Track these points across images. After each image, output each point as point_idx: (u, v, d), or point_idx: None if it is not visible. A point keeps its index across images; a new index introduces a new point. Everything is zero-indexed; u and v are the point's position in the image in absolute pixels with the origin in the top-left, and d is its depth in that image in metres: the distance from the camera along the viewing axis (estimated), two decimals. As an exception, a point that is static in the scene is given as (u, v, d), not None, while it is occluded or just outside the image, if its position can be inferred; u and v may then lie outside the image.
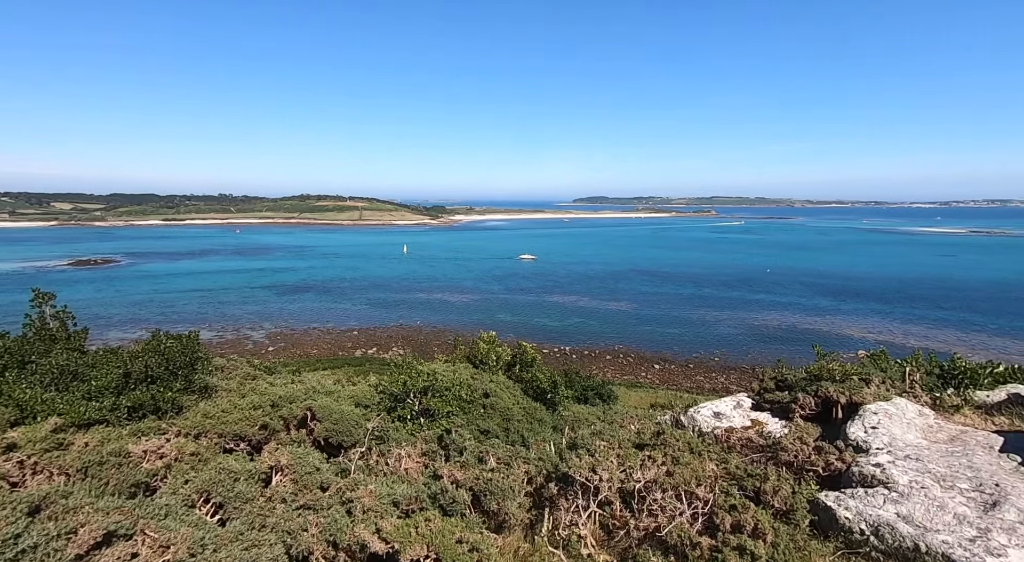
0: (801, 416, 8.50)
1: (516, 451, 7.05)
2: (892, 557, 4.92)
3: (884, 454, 6.44)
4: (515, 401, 10.63)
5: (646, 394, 42.34)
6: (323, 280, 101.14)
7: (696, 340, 62.09)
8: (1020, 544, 4.63)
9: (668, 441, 7.66)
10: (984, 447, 6.67)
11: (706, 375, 50.93)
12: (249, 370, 11.28)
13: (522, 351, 13.90)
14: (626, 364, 54.69)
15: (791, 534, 5.10)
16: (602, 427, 9.95)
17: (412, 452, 7.48)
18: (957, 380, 8.68)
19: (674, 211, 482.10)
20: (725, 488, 5.82)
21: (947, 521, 5.04)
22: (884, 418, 7.37)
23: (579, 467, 5.91)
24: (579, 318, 71.95)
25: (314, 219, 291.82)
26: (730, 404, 9.42)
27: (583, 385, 15.83)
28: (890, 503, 5.39)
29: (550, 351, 57.02)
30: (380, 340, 61.58)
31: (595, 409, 12.99)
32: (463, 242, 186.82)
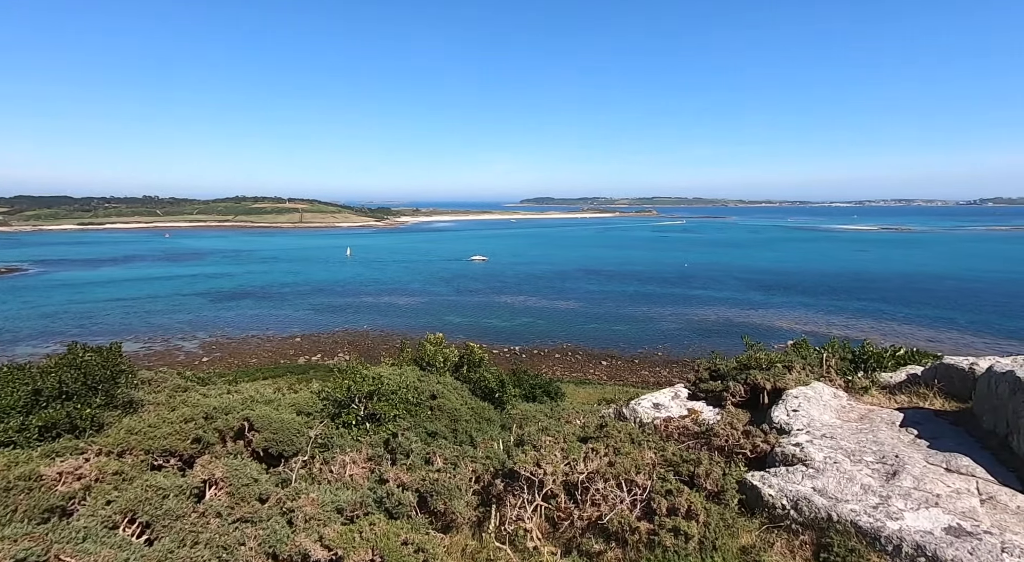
0: (732, 403, 9.03)
1: (463, 450, 7.10)
2: (809, 528, 5.35)
3: (803, 434, 6.97)
4: (463, 402, 10.66)
5: (594, 390, 43.39)
6: (262, 285, 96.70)
7: (641, 336, 64.24)
8: (913, 507, 5.17)
9: (610, 433, 7.94)
10: (887, 423, 7.37)
11: (651, 369, 52.80)
12: (180, 382, 10.67)
13: (469, 352, 13.92)
14: (575, 362, 55.78)
15: (721, 513, 5.45)
16: (549, 423, 10.17)
17: (357, 458, 7.36)
18: (866, 364, 9.52)
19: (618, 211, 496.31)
20: (662, 474, 6.12)
21: (855, 491, 5.54)
22: (804, 401, 7.97)
23: (524, 462, 6.04)
24: (528, 318, 72.67)
25: (251, 222, 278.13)
26: (668, 395, 9.87)
27: (531, 383, 16.06)
28: (807, 479, 5.85)
29: (500, 351, 57.28)
30: (325, 346, 59.67)
31: (543, 406, 13.22)
32: (410, 244, 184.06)
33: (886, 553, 4.84)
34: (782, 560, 5.20)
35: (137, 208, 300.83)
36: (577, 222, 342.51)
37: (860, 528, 5.02)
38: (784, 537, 5.44)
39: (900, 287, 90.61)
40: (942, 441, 6.70)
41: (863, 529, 5.00)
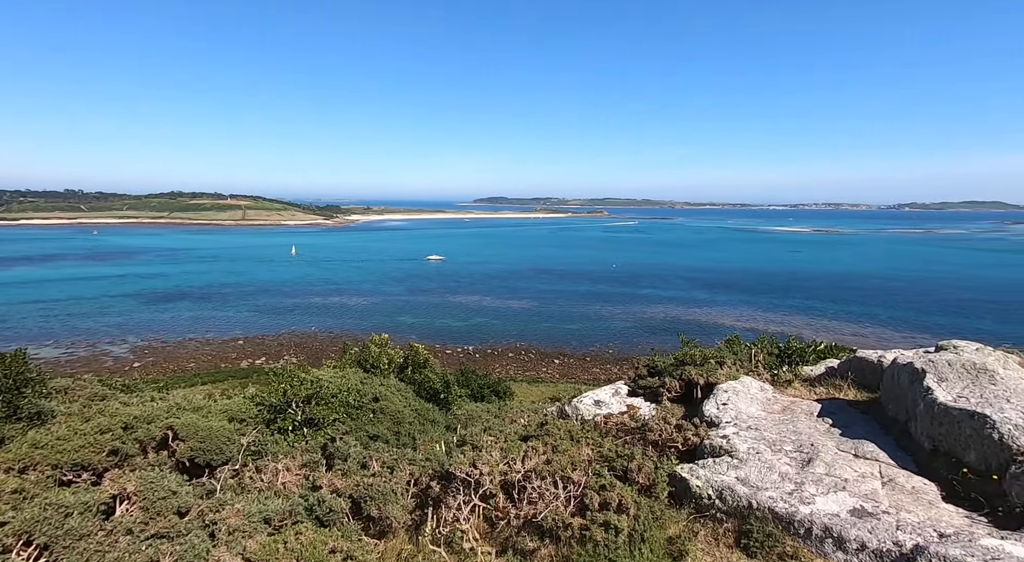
0: (669, 398, 9.36)
1: (402, 453, 7.00)
2: (732, 516, 5.62)
3: (731, 426, 7.32)
4: (406, 403, 10.51)
5: (547, 388, 43.89)
6: (201, 286, 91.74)
7: (592, 334, 65.48)
8: (824, 492, 5.53)
9: (551, 431, 8.05)
10: (806, 414, 7.86)
11: (601, 367, 53.91)
12: (99, 390, 9.94)
13: (414, 353, 13.74)
14: (528, 360, 56.18)
15: (651, 506, 5.63)
16: (493, 423, 10.19)
17: (292, 464, 7.11)
18: (791, 358, 10.12)
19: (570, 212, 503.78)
20: (597, 470, 6.27)
21: (774, 479, 5.87)
22: (733, 395, 8.36)
23: (461, 463, 6.03)
24: (482, 317, 72.58)
25: (189, 219, 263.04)
26: (609, 392, 10.11)
27: (479, 383, 16.03)
28: (732, 469, 6.15)
29: (453, 351, 56.94)
30: (270, 349, 57.35)
31: (490, 406, 13.23)
32: (361, 243, 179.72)
33: (799, 536, 5.16)
34: (707, 548, 5.44)
35: (58, 203, 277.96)
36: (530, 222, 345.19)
37: (776, 514, 5.33)
38: (709, 526, 5.69)
39: (829, 285, 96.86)
40: (853, 429, 7.21)
41: (779, 514, 5.31)
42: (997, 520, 5.00)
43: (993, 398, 6.10)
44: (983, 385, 6.47)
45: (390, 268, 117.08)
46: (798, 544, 5.11)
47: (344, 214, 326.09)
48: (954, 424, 6.04)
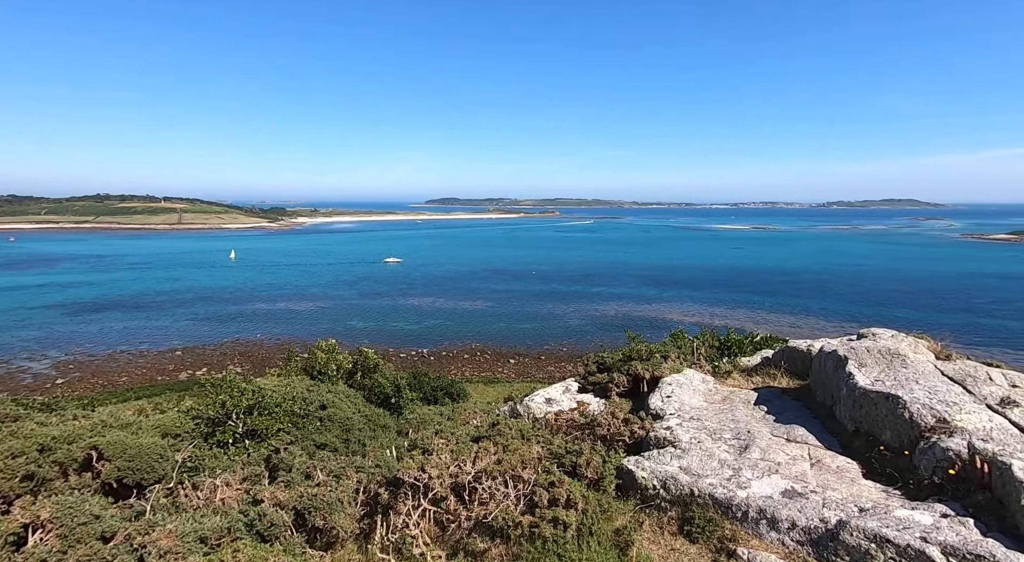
0: (617, 393, 9.60)
1: (350, 461, 6.83)
2: (675, 504, 5.83)
3: (674, 418, 7.59)
4: (356, 410, 10.26)
5: (503, 388, 43.97)
6: (133, 294, 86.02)
7: (547, 333, 66.17)
8: (759, 476, 5.84)
9: (502, 431, 8.08)
10: (744, 402, 8.26)
11: (556, 365, 54.56)
12: (11, 410, 9.12)
13: (364, 357, 13.40)
14: (483, 361, 56.12)
15: (599, 500, 5.76)
16: (445, 425, 10.11)
17: (232, 479, 6.79)
18: (730, 350, 10.61)
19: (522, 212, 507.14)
20: (547, 467, 6.34)
21: (713, 467, 6.13)
22: (677, 388, 8.67)
23: (409, 468, 5.95)
24: (437, 319, 71.90)
25: (117, 223, 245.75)
26: (560, 389, 10.26)
27: (432, 386, 15.87)
28: (675, 459, 6.38)
29: (407, 355, 56.12)
30: (212, 359, 54.51)
31: (443, 408, 13.12)
32: (309, 246, 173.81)
33: (737, 519, 5.42)
34: (652, 537, 5.62)
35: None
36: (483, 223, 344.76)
37: (716, 499, 5.57)
38: (654, 515, 5.89)
39: (767, 280, 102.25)
40: (785, 415, 7.65)
41: (719, 500, 5.55)
42: (909, 492, 5.44)
43: (905, 380, 6.64)
44: (897, 369, 7.02)
45: (340, 271, 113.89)
46: (736, 527, 5.37)
47: (290, 217, 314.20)
48: (872, 406, 6.53)
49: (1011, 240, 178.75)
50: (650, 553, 5.26)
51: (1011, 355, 49.78)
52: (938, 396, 6.14)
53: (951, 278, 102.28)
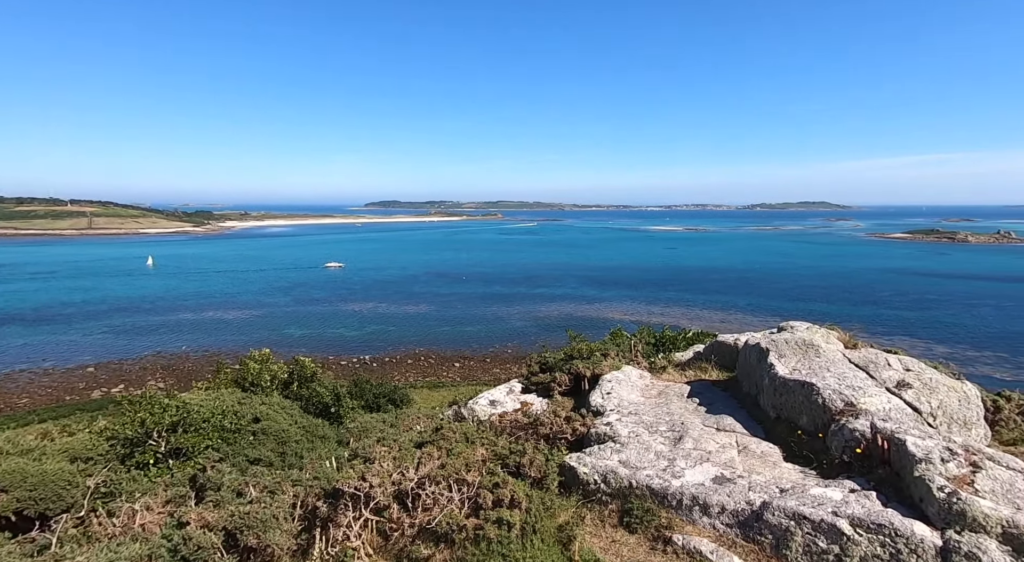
0: (559, 392, 9.79)
1: (286, 475, 6.54)
2: (616, 497, 6.03)
3: (614, 414, 7.84)
4: (292, 421, 9.82)
5: (448, 392, 43.56)
6: (35, 307, 77.91)
7: (492, 335, 66.22)
8: (692, 465, 6.14)
9: (446, 435, 8.02)
10: (678, 396, 8.66)
11: (502, 366, 54.68)
12: None
13: (300, 367, 12.84)
14: (428, 366, 55.37)
15: (542, 498, 5.84)
16: (388, 432, 9.90)
17: (153, 502, 6.31)
18: (665, 346, 11.09)
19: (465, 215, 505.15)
20: (491, 469, 6.36)
21: (650, 459, 6.39)
22: (616, 385, 8.96)
23: (349, 478, 5.78)
24: (379, 325, 70.20)
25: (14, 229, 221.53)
26: (503, 391, 10.31)
27: (374, 393, 15.44)
28: (615, 453, 6.59)
29: (348, 362, 54.44)
30: (130, 375, 50.34)
31: (386, 415, 12.82)
32: (240, 251, 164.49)
33: (672, 508, 5.68)
34: (594, 530, 5.77)
35: None
36: (425, 225, 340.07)
37: (653, 490, 5.81)
38: (596, 509, 6.05)
39: (700, 278, 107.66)
40: (715, 406, 8.10)
41: (655, 490, 5.79)
42: (823, 471, 5.92)
43: (818, 369, 7.21)
44: (811, 358, 7.62)
45: (274, 277, 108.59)
46: (672, 515, 5.62)
47: (217, 220, 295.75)
48: (791, 394, 7.04)
49: (907, 239, 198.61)
50: (592, 546, 5.40)
51: (908, 342, 55.18)
52: (846, 382, 6.73)
53: (859, 274, 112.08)
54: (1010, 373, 46.39)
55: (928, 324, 65.80)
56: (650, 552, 5.35)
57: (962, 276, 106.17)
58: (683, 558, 5.14)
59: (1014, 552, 4.15)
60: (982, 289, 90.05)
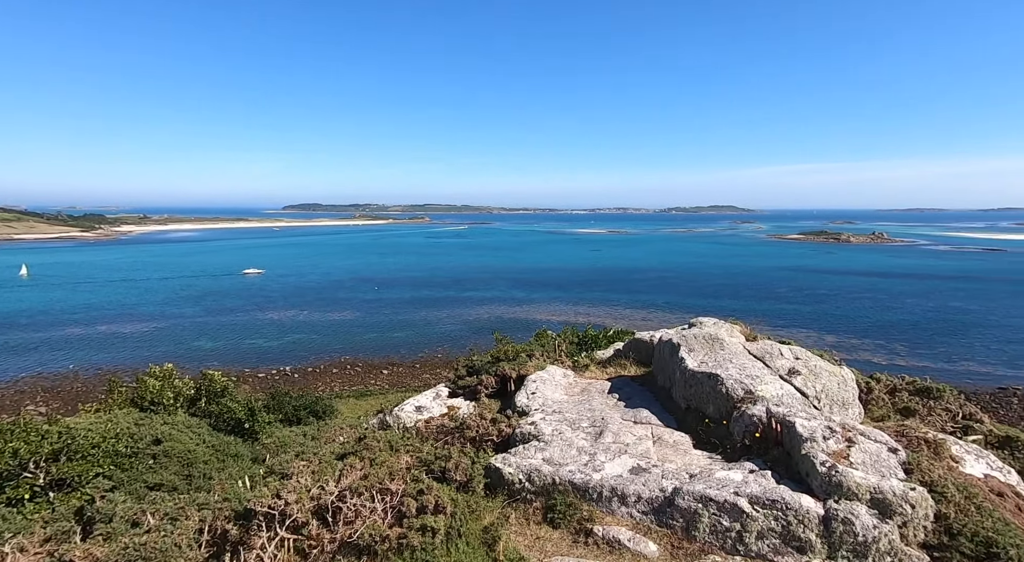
0: (486, 394, 9.84)
1: (191, 499, 6.06)
2: (540, 494, 6.16)
3: (538, 413, 8.01)
4: (200, 440, 9.11)
5: (376, 400, 42.26)
6: None
7: (421, 340, 65.10)
8: (611, 458, 6.41)
9: (369, 444, 7.81)
10: (599, 392, 9.01)
11: (432, 372, 53.88)
12: None
13: (209, 381, 11.90)
14: (354, 374, 53.45)
15: (468, 501, 5.85)
16: (308, 446, 9.46)
17: (29, 542, 5.60)
18: (587, 345, 11.48)
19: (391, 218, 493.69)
20: (416, 476, 6.28)
21: (572, 455, 6.60)
22: (540, 384, 9.15)
23: (262, 496, 5.47)
24: (300, 333, 66.78)
25: None
26: (430, 396, 10.20)
27: (294, 405, 14.64)
28: (539, 452, 6.73)
29: (266, 374, 51.32)
30: (2, 400, 44.17)
31: (307, 428, 12.25)
32: (140, 258, 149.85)
33: (593, 500, 5.89)
34: (519, 529, 5.87)
35: None
36: (349, 229, 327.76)
37: (575, 484, 6.00)
38: (521, 508, 6.15)
39: (623, 278, 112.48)
40: (633, 400, 8.50)
41: (577, 485, 5.99)
42: (727, 455, 6.41)
43: (722, 361, 7.80)
44: (716, 351, 8.22)
45: (181, 286, 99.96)
46: (593, 508, 5.84)
47: (111, 224, 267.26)
48: (699, 385, 7.56)
49: (801, 239, 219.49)
50: (517, 545, 5.48)
51: (803, 333, 60.89)
52: (746, 372, 7.33)
53: (761, 272, 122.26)
54: (884, 358, 52.54)
55: (819, 316, 73.01)
56: (572, 545, 5.52)
57: (846, 272, 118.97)
58: (603, 548, 5.36)
59: (880, 514, 4.72)
60: (861, 284, 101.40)
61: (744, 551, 5.01)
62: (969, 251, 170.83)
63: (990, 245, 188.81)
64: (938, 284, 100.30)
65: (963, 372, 48.99)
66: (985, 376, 47.96)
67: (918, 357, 53.52)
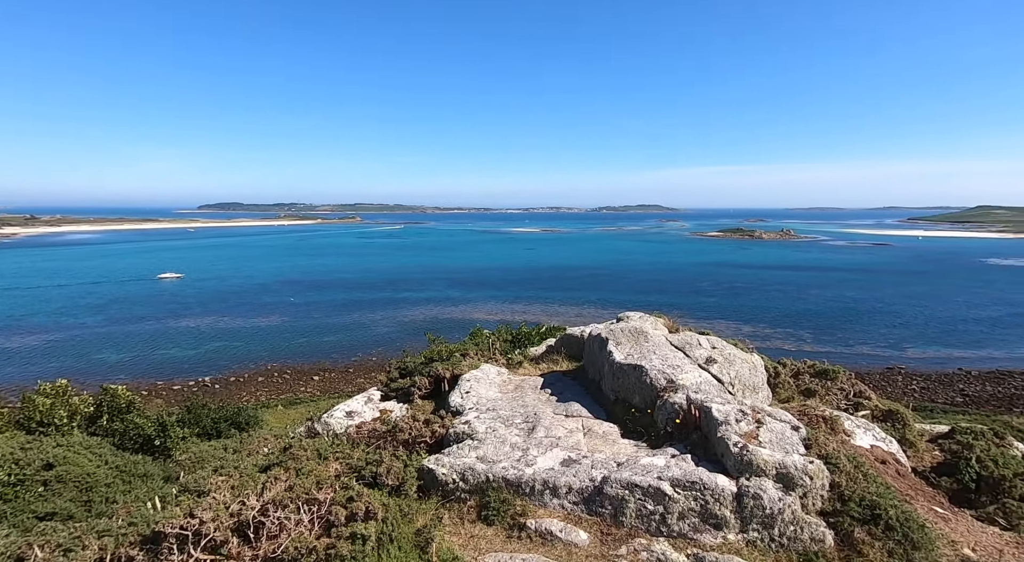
0: (419, 396, 9.70)
1: (90, 526, 5.52)
2: (474, 493, 6.16)
3: (472, 412, 8.01)
4: (101, 462, 8.30)
5: (306, 408, 40.45)
6: None
7: (354, 344, 63.05)
8: (543, 452, 6.53)
9: (296, 454, 7.47)
10: (533, 388, 9.15)
11: (366, 376, 52.27)
12: None
13: (111, 396, 10.82)
14: (282, 382, 50.85)
15: (400, 505, 5.74)
16: (228, 460, 8.91)
17: None
18: (521, 342, 11.62)
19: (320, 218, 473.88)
20: (345, 483, 6.08)
21: (506, 451, 6.65)
22: (475, 383, 9.15)
23: (172, 517, 5.08)
24: (222, 341, 62.58)
25: None
26: (362, 400, 9.91)
27: (213, 417, 13.64)
28: (473, 450, 6.73)
29: (183, 386, 47.69)
30: None
31: (228, 441, 11.50)
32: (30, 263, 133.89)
33: (526, 495, 5.98)
34: (453, 528, 5.84)
35: None
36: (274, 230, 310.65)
37: (508, 480, 6.06)
38: (455, 508, 6.13)
39: (558, 276, 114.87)
40: (565, 394, 8.71)
41: (510, 481, 6.05)
42: (652, 442, 6.73)
43: (647, 352, 8.18)
44: (641, 344, 8.60)
45: (79, 293, 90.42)
46: (525, 502, 5.92)
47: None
48: (626, 376, 7.87)
49: (720, 237, 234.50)
50: (451, 545, 5.46)
51: (723, 324, 65.17)
52: (668, 362, 7.73)
53: (685, 268, 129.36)
54: (793, 344, 57.32)
55: (737, 308, 78.33)
56: (506, 541, 5.58)
57: (759, 266, 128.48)
58: (536, 541, 5.46)
59: (784, 487, 5.15)
60: (773, 277, 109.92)
61: (667, 532, 5.28)
62: (861, 246, 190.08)
63: (878, 240, 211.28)
64: (836, 276, 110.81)
65: (858, 355, 54.42)
66: (875, 358, 53.57)
67: (821, 343, 58.77)
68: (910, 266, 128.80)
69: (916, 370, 49.54)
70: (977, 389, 43.91)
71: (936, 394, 42.93)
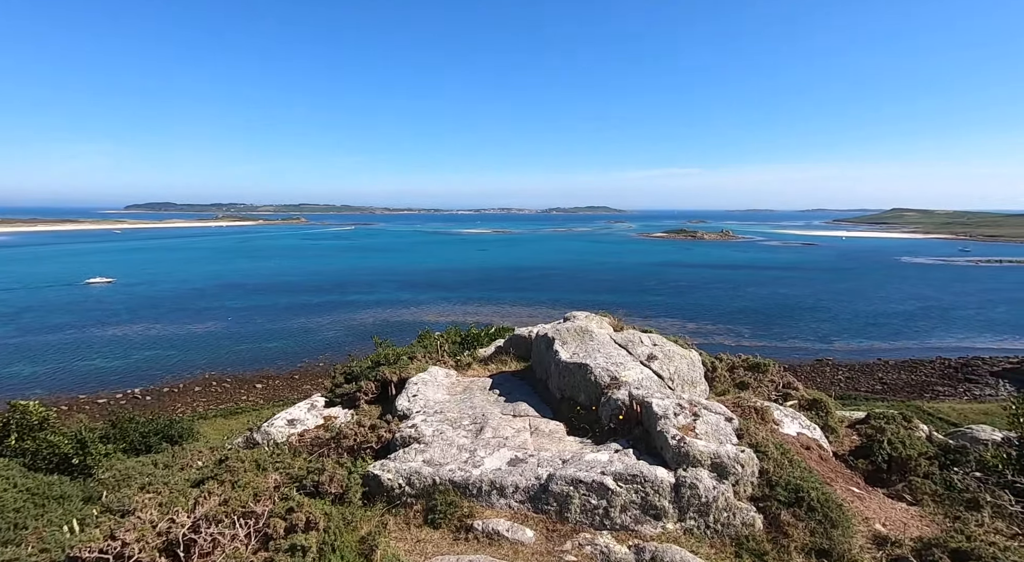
0: (365, 401, 9.49)
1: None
2: (420, 497, 6.10)
3: (419, 415, 7.91)
4: (9, 485, 7.60)
5: (247, 417, 38.58)
6: None
7: (299, 349, 60.79)
8: (490, 452, 6.56)
9: (232, 466, 7.12)
10: (481, 389, 9.16)
11: (313, 382, 50.47)
12: None
13: (21, 413, 9.88)
14: (222, 391, 48.29)
15: (343, 513, 5.60)
16: (157, 476, 8.39)
17: None
18: (470, 343, 11.60)
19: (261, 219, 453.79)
20: (285, 494, 5.86)
21: (453, 453, 6.63)
22: (422, 386, 9.05)
23: (91, 541, 4.73)
24: (153, 350, 58.71)
25: None
26: (304, 407, 9.58)
27: (142, 431, 12.73)
28: (419, 454, 6.66)
29: (109, 399, 44.36)
30: None
31: (158, 456, 10.78)
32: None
33: (473, 496, 5.97)
34: (399, 534, 5.75)
35: None
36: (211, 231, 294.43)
37: (455, 483, 6.03)
38: (401, 513, 6.04)
39: (509, 277, 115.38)
40: (513, 394, 8.77)
41: (457, 483, 6.03)
42: (596, 439, 6.90)
43: (592, 351, 8.37)
44: (587, 342, 8.79)
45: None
46: (473, 503, 5.92)
47: None
48: (572, 375, 8.03)
49: (665, 238, 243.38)
50: (396, 550, 5.37)
51: (668, 321, 67.62)
52: (611, 360, 7.95)
53: (632, 267, 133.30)
54: (732, 340, 60.26)
55: (682, 306, 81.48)
56: (453, 543, 5.55)
57: (702, 266, 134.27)
58: (483, 542, 5.47)
59: (718, 476, 5.41)
60: (715, 276, 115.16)
61: (610, 525, 5.43)
62: (792, 246, 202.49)
63: (807, 240, 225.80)
64: (771, 274, 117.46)
65: (791, 348, 57.89)
66: (807, 351, 57.17)
67: (758, 338, 62.05)
68: (835, 264, 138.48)
69: (842, 361, 53.25)
70: (894, 377, 47.75)
71: (859, 383, 46.33)
